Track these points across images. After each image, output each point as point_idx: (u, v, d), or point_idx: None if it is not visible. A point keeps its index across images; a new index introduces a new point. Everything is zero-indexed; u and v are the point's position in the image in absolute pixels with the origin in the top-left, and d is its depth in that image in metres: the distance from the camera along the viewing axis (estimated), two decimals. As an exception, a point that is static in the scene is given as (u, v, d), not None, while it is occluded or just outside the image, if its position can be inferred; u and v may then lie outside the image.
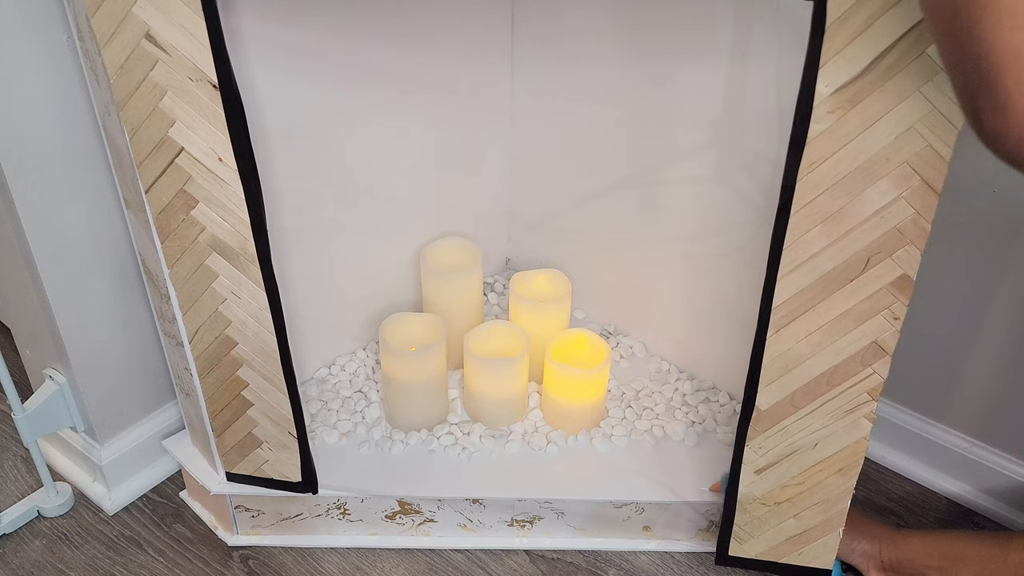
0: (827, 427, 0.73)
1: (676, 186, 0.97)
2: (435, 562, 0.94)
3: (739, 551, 0.84)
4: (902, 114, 0.58)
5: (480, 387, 0.96)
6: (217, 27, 0.63)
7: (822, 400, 0.71)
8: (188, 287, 0.76)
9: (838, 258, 0.64)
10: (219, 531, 0.96)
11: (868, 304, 0.66)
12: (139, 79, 0.65)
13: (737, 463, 0.78)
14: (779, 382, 0.71)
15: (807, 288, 0.66)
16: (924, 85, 0.57)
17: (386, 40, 0.93)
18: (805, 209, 0.63)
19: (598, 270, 1.12)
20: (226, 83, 0.66)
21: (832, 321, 0.67)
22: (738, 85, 0.86)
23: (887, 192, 0.61)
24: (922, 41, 0.55)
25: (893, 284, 0.64)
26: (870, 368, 0.68)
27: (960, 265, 0.93)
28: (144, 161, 0.69)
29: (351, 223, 1.01)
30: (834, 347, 0.68)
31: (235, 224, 0.72)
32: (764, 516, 0.80)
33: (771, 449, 0.75)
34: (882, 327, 0.66)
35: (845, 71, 0.57)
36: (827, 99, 0.58)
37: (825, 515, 0.78)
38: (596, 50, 0.98)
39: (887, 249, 0.63)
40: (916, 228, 0.62)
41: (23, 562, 0.94)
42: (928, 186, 0.60)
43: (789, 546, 0.81)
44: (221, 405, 0.84)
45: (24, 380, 1.05)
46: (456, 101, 1.05)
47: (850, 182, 0.61)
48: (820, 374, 0.70)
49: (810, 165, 0.61)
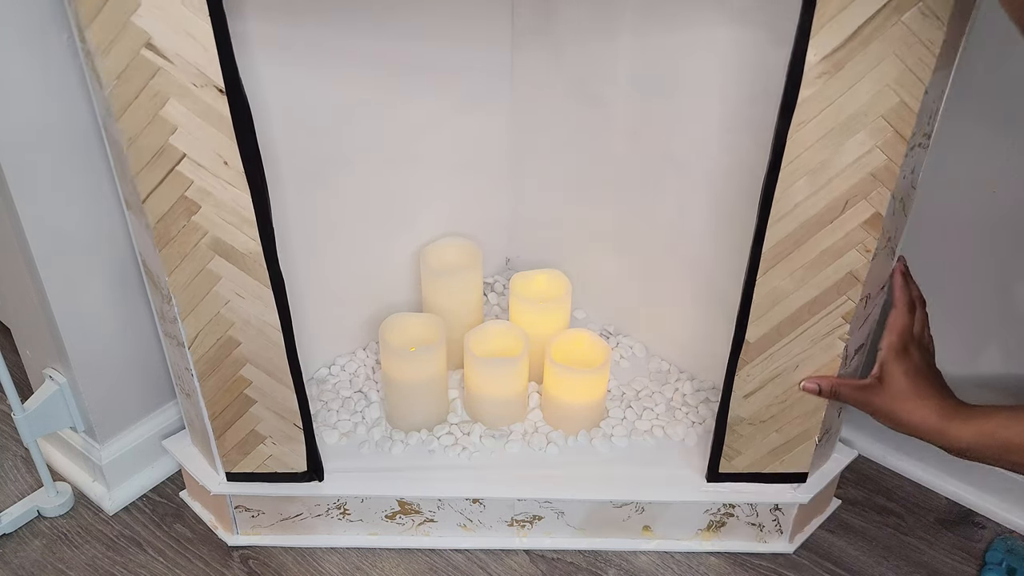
0: (807, 351, 0.80)
1: (678, 186, 0.97)
2: (435, 562, 0.94)
3: (728, 468, 0.89)
4: (879, 75, 0.65)
5: (480, 387, 0.96)
6: (224, 31, 0.63)
7: (804, 327, 0.78)
8: (189, 292, 0.76)
9: (820, 204, 0.71)
10: (219, 531, 0.97)
11: (845, 241, 0.73)
12: (138, 88, 0.65)
13: (727, 391, 0.84)
14: (766, 316, 0.78)
15: (792, 232, 0.73)
16: (899, 48, 0.64)
17: (386, 40, 0.93)
18: (792, 165, 0.70)
19: (598, 270, 1.12)
20: (233, 87, 0.66)
21: (813, 259, 0.74)
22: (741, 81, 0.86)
23: (864, 143, 0.68)
24: (898, 10, 0.62)
25: (866, 222, 0.72)
26: (845, 296, 0.76)
27: (959, 265, 0.93)
28: (142, 171, 0.69)
29: (350, 223, 1.01)
30: (815, 281, 0.75)
31: (240, 226, 0.72)
32: (750, 434, 0.86)
33: (758, 376, 0.82)
34: (856, 259, 0.74)
35: (832, 40, 0.64)
36: (815, 66, 0.65)
37: (804, 426, 0.85)
38: (596, 50, 0.98)
39: (862, 193, 0.71)
40: (887, 172, 0.69)
41: (23, 562, 0.94)
42: (899, 135, 0.68)
43: (772, 457, 0.88)
44: (223, 406, 0.84)
45: (24, 380, 1.05)
46: (456, 100, 1.05)
47: (832, 137, 0.68)
48: (802, 305, 0.77)
49: (798, 125, 0.68)
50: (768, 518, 0.93)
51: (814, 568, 0.94)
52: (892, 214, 0.73)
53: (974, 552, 0.97)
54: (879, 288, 0.80)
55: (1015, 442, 0.70)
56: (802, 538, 0.97)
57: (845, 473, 0.99)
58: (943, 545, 0.98)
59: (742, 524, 0.94)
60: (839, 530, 0.99)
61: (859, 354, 0.85)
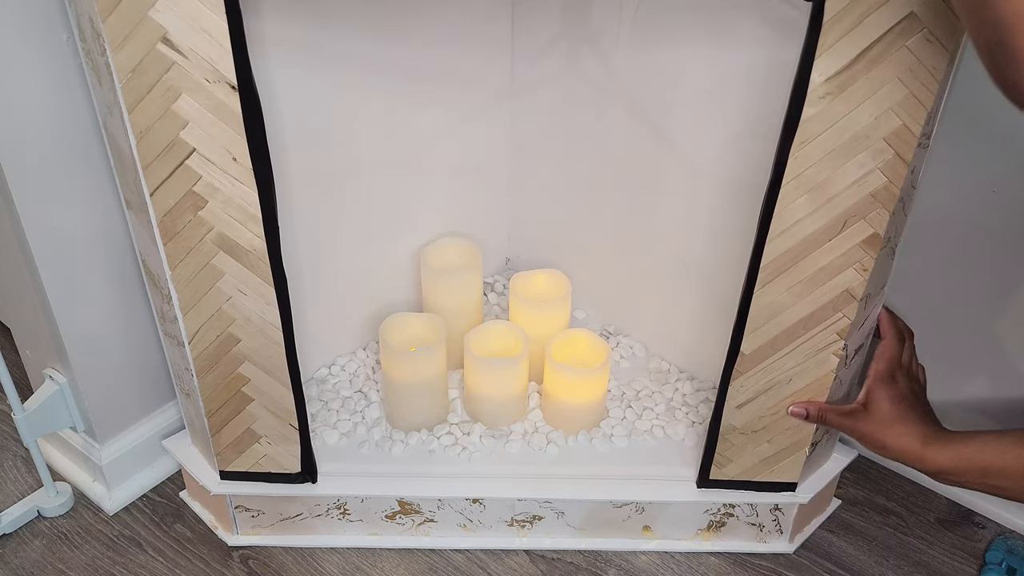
0: (800, 365, 0.80)
1: (678, 186, 0.97)
2: (435, 562, 0.94)
3: (718, 475, 0.90)
4: (882, 98, 0.66)
5: (480, 387, 0.96)
6: (239, 28, 0.64)
7: (799, 342, 0.79)
8: (191, 287, 0.76)
9: (819, 222, 0.72)
10: (219, 531, 0.97)
11: (843, 259, 0.74)
12: (151, 82, 0.66)
13: (721, 400, 0.84)
14: (762, 329, 0.79)
15: (791, 248, 0.74)
16: (902, 73, 0.64)
17: (393, 46, 0.94)
18: (794, 182, 0.70)
19: (598, 270, 1.12)
20: (245, 84, 0.66)
21: (811, 275, 0.75)
22: (742, 81, 0.86)
23: (865, 164, 0.69)
24: (903, 35, 0.62)
25: (864, 241, 0.73)
26: (840, 312, 0.77)
27: (960, 266, 0.93)
28: (151, 164, 0.70)
29: (351, 223, 1.01)
30: (811, 297, 0.76)
31: (246, 223, 0.73)
32: (742, 443, 0.87)
33: (751, 387, 0.83)
34: (853, 277, 0.74)
35: (837, 62, 0.64)
36: (819, 86, 0.66)
37: (794, 437, 0.86)
38: (597, 50, 0.98)
39: (861, 212, 0.71)
40: (887, 193, 0.70)
41: (23, 562, 0.94)
42: (900, 157, 0.68)
43: (762, 466, 0.89)
44: (219, 403, 0.84)
45: (24, 380, 1.05)
46: (456, 100, 1.05)
47: (834, 157, 0.69)
48: (798, 320, 0.78)
49: (801, 144, 0.68)
50: (768, 518, 0.93)
51: (814, 568, 0.94)
52: (892, 214, 0.73)
53: (974, 552, 0.97)
54: (880, 288, 0.80)
55: (994, 465, 0.71)
56: (802, 538, 0.97)
57: (845, 473, 0.99)
58: (943, 545, 0.98)
59: (742, 524, 0.94)
60: (839, 530, 0.99)
61: (859, 354, 0.85)
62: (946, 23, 0.62)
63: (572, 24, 0.99)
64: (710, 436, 0.87)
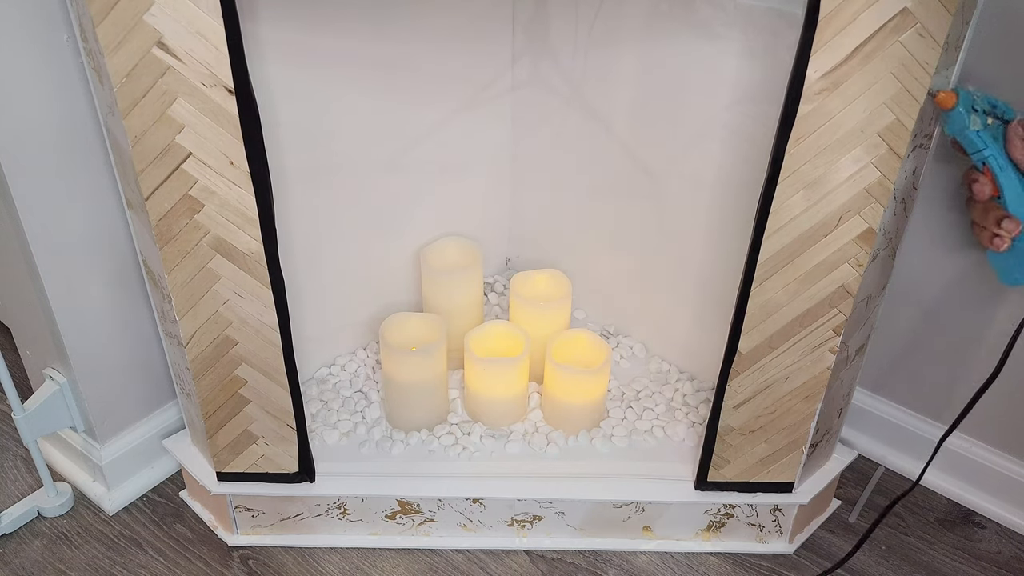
0: (797, 362, 0.81)
1: (677, 186, 0.97)
2: (435, 562, 0.94)
3: (716, 476, 0.90)
4: (876, 93, 0.66)
5: (480, 387, 0.96)
6: (236, 32, 0.64)
7: (795, 340, 0.79)
8: (188, 290, 0.76)
9: (815, 218, 0.72)
10: (219, 531, 0.97)
11: (838, 255, 0.74)
12: (146, 87, 0.65)
13: (718, 401, 0.84)
14: (759, 328, 0.79)
15: (787, 245, 0.74)
16: (895, 68, 0.65)
17: (390, 44, 0.93)
18: (790, 179, 0.71)
19: (598, 270, 1.12)
20: (242, 87, 0.66)
21: (807, 272, 0.75)
22: (742, 81, 0.86)
23: (860, 159, 0.69)
24: (896, 31, 0.63)
25: (859, 237, 0.73)
26: (836, 309, 0.77)
27: (961, 266, 0.93)
28: (146, 168, 0.69)
29: (351, 223, 1.01)
30: (807, 294, 0.76)
31: (243, 226, 0.73)
32: (739, 444, 0.87)
33: (748, 386, 0.83)
34: (848, 273, 0.75)
35: (832, 58, 0.65)
36: (815, 83, 0.66)
37: (791, 437, 0.86)
38: (597, 49, 0.98)
39: (856, 207, 0.71)
40: (881, 188, 0.70)
41: (23, 562, 0.94)
42: (893, 152, 0.69)
43: (759, 467, 0.89)
44: (217, 405, 0.84)
45: (24, 380, 1.05)
46: (458, 103, 1.05)
47: (829, 153, 0.69)
48: (794, 317, 0.78)
49: (796, 140, 0.69)
50: (768, 518, 0.93)
51: (814, 568, 0.94)
52: (893, 215, 0.73)
53: (974, 552, 0.97)
54: (880, 288, 0.80)
55: None
56: (802, 538, 0.97)
57: (845, 473, 0.99)
58: (943, 545, 0.98)
59: (742, 524, 0.94)
60: (839, 530, 0.99)
61: (859, 355, 0.85)
62: (938, 18, 0.62)
63: (572, 24, 0.99)
64: (707, 438, 0.87)
